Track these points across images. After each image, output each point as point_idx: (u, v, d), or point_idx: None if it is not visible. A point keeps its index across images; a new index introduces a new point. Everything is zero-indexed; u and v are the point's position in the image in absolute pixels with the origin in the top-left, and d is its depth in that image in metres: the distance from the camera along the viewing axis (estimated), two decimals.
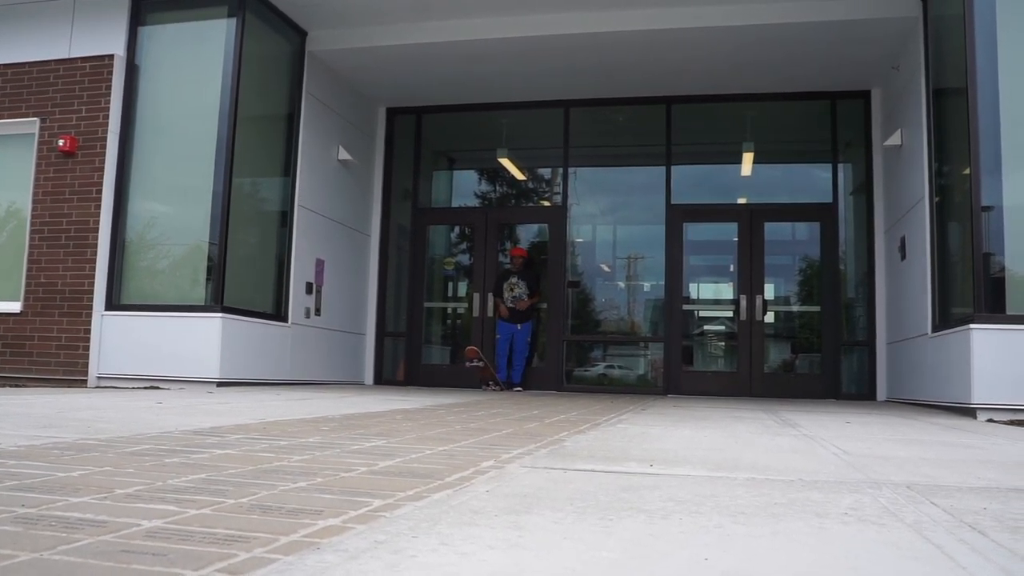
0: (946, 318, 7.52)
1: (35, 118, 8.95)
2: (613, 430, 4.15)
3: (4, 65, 9.13)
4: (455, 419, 4.65)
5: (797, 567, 1.37)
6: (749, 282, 10.82)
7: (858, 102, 10.66)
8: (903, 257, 9.01)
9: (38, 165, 8.86)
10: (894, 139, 9.18)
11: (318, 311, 10.18)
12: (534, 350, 11.28)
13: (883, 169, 10.23)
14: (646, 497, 2.03)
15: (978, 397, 6.29)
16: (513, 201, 12.55)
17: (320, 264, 10.23)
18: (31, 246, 8.76)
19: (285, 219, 9.70)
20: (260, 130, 9.38)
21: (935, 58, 8.03)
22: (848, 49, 9.34)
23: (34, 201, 8.81)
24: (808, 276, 11.33)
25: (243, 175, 8.89)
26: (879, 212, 10.30)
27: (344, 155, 10.69)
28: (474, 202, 12.44)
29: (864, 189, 10.56)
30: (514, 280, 11.04)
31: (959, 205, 7.30)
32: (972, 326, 6.39)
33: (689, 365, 11.22)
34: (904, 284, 9.02)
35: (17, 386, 8.15)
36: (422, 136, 12.06)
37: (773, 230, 11.21)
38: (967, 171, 6.74)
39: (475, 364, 10.75)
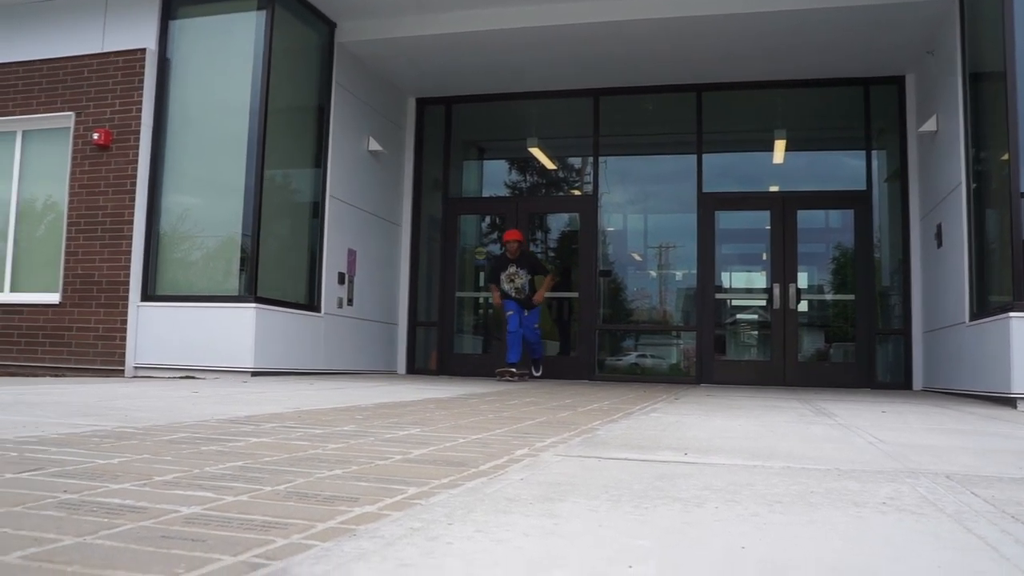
0: (984, 306, 7.41)
1: (70, 112, 9.06)
2: (646, 419, 4.14)
3: (40, 60, 9.25)
4: (488, 408, 4.66)
5: (835, 556, 1.36)
6: (782, 270, 10.72)
7: (892, 88, 10.51)
8: (939, 244, 8.88)
9: (74, 158, 8.97)
10: (929, 125, 9.04)
11: (350, 301, 10.23)
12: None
13: (918, 155, 10.09)
14: (681, 485, 2.02)
15: (1018, 386, 6.19)
16: (543, 191, 12.53)
17: (352, 254, 10.28)
18: (68, 238, 8.88)
19: (317, 210, 9.75)
20: (291, 122, 9.44)
21: (971, 42, 7.89)
22: (881, 34, 9.21)
23: (70, 194, 8.93)
24: (842, 264, 11.21)
25: (274, 167, 8.95)
26: (914, 199, 10.16)
27: (374, 146, 10.73)
28: (504, 192, 12.43)
29: (899, 176, 10.42)
30: (512, 270, 9.90)
31: (997, 191, 7.18)
32: (1012, 314, 6.29)
33: (722, 354, 11.16)
34: (941, 272, 8.90)
35: (57, 375, 8.28)
36: (452, 126, 12.07)
37: (806, 218, 11.11)
38: (1005, 156, 6.63)
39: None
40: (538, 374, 10.32)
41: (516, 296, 9.84)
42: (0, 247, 9.35)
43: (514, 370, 9.58)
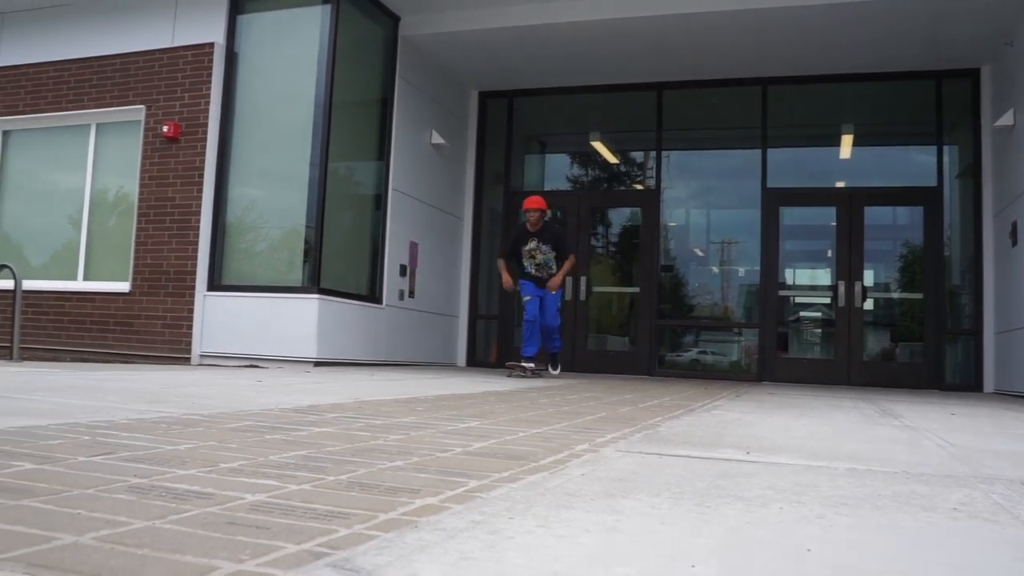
0: None
1: (141, 105, 9.28)
2: (708, 416, 4.09)
3: (113, 55, 9.49)
4: (548, 402, 4.65)
5: (905, 562, 1.33)
6: (848, 268, 10.51)
7: (966, 81, 10.22)
8: (1014, 243, 8.62)
9: (144, 151, 9.19)
10: (1006, 119, 8.77)
11: (412, 293, 10.31)
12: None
13: (992, 151, 9.79)
14: (743, 485, 1.99)
15: None
16: (605, 185, 12.47)
17: (414, 247, 10.36)
18: (138, 228, 9.10)
19: (379, 202, 9.84)
20: (355, 115, 9.53)
21: None
22: (955, 25, 8.95)
23: (141, 185, 9.16)
24: (910, 262, 10.95)
25: (338, 159, 9.04)
26: (988, 196, 9.87)
27: (437, 139, 10.78)
28: (566, 186, 12.40)
29: (972, 172, 10.14)
30: (533, 245, 8.30)
31: None
32: None
33: (784, 352, 10.99)
34: (1015, 271, 8.63)
35: (126, 362, 8.49)
36: (514, 120, 12.07)
37: (873, 214, 10.86)
38: None
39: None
40: (555, 372, 8.84)
41: (537, 274, 8.34)
42: (74, 237, 9.63)
43: (526, 364, 8.21)
